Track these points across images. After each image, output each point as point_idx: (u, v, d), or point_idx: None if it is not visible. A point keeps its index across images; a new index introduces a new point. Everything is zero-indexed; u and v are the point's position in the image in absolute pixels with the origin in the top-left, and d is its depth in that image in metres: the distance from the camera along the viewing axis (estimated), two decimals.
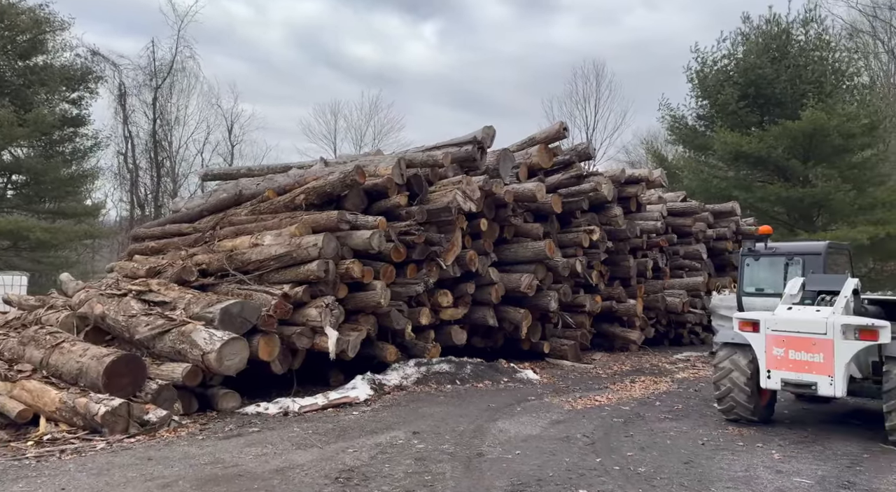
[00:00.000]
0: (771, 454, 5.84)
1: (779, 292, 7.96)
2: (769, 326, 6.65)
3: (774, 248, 8.35)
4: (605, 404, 8.42)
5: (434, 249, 10.32)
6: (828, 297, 6.90)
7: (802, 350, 6.39)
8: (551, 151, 13.10)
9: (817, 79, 28.62)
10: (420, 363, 9.80)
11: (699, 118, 32.90)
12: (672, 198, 18.33)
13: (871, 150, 29.86)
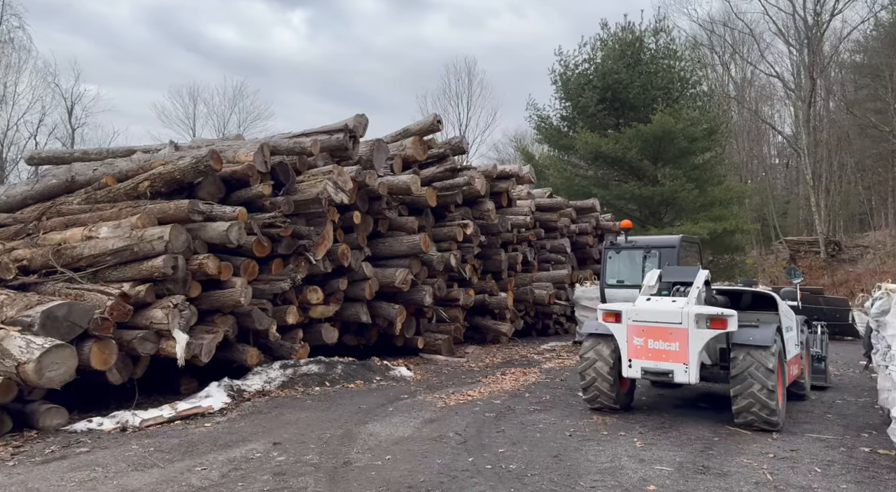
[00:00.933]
0: (633, 443, 6.00)
1: (638, 284, 8.31)
2: (630, 317, 6.86)
3: (633, 241, 8.73)
4: (478, 398, 8.35)
5: (302, 243, 9.71)
6: (682, 288, 7.27)
7: (660, 339, 6.65)
8: (426, 144, 12.91)
9: (666, 85, 31.09)
10: (286, 365, 9.18)
11: (563, 119, 34.55)
12: (540, 194, 18.91)
13: (711, 153, 33.02)
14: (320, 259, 9.92)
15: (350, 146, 10.71)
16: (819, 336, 9.59)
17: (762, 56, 45.72)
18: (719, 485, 4.75)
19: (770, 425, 6.34)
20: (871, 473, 5.04)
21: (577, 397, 8.44)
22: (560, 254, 18.66)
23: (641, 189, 28.94)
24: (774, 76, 46.12)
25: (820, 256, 37.79)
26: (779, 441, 6.05)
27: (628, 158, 29.05)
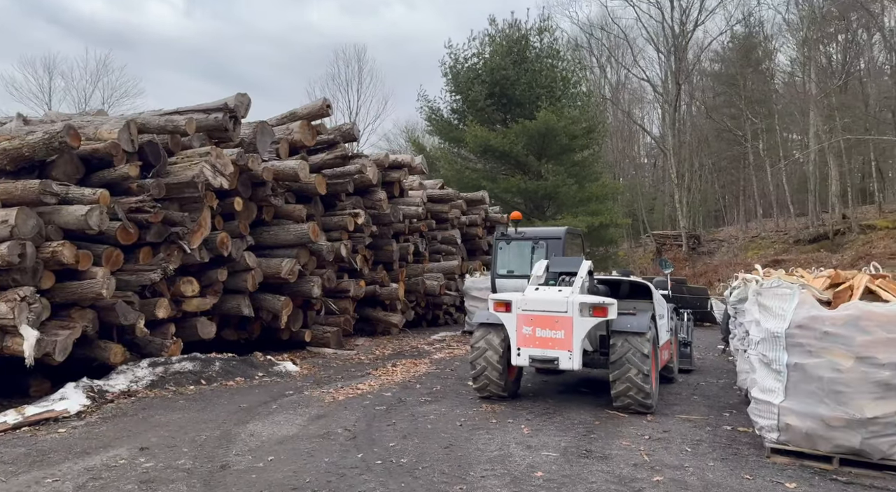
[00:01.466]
0: (521, 430, 6.07)
1: (527, 274, 8.48)
2: (519, 306, 6.95)
3: (523, 233, 8.89)
4: (368, 391, 8.14)
5: (176, 231, 8.97)
6: (567, 278, 7.49)
7: (547, 328, 6.79)
8: (314, 129, 12.39)
9: (549, 84, 32.29)
10: (156, 363, 8.44)
11: (453, 112, 34.90)
12: (431, 185, 18.92)
13: (589, 150, 34.77)
14: (196, 248, 9.22)
15: (230, 127, 10.03)
16: (685, 323, 10.30)
17: (635, 61, 48.72)
18: (601, 468, 4.90)
19: (645, 408, 6.68)
20: (733, 450, 5.42)
21: (467, 386, 8.47)
22: (451, 245, 18.80)
23: (527, 183, 29.89)
24: (645, 80, 49.45)
25: (682, 248, 41.01)
26: (653, 423, 6.38)
27: (515, 153, 29.88)
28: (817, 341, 4.85)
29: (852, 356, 4.69)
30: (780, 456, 5.05)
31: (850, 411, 4.67)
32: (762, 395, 5.31)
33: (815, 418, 4.83)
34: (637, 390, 6.57)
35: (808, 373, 4.88)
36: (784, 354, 5.03)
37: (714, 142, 50.19)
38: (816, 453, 4.91)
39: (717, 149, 50.61)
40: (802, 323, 4.94)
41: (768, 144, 45.23)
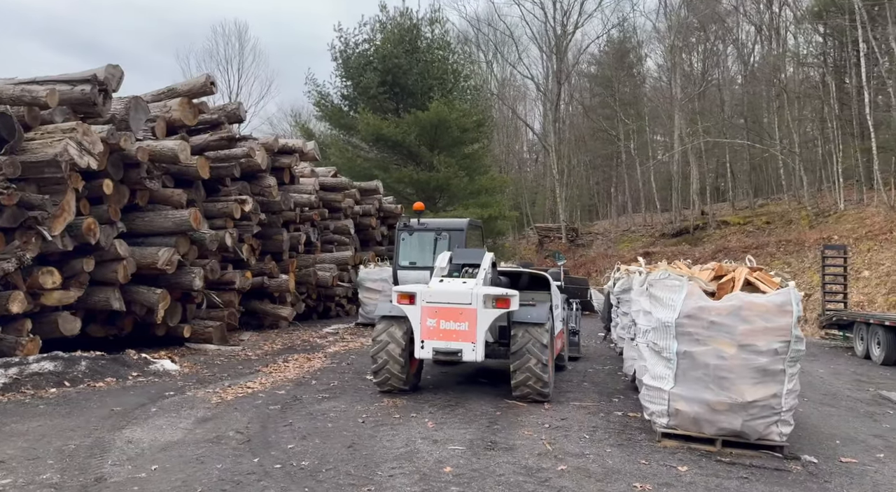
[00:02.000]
0: (425, 424, 5.98)
1: (429, 265, 8.41)
2: (424, 299, 6.85)
3: (425, 224, 8.78)
4: (259, 390, 7.68)
5: (34, 215, 7.95)
6: (471, 269, 7.50)
7: (451, 320, 6.75)
8: (196, 108, 11.50)
9: (441, 76, 32.46)
10: (9, 364, 7.45)
11: (344, 98, 34.12)
12: (324, 172, 18.35)
13: (479, 144, 35.43)
14: (58, 235, 8.23)
15: (100, 101, 9.01)
16: (574, 312, 10.72)
17: (519, 58, 50.26)
18: (508, 459, 4.92)
19: (543, 397, 6.84)
20: (627, 436, 5.66)
21: (365, 381, 8.26)
22: (344, 235, 18.37)
23: (419, 174, 29.88)
24: (529, 78, 51.24)
25: (562, 240, 43.08)
26: (551, 411, 6.54)
27: (408, 143, 29.76)
28: (704, 330, 5.16)
29: (735, 344, 5.03)
30: (670, 440, 5.34)
31: (733, 396, 5.02)
32: (653, 382, 5.58)
33: (702, 402, 5.15)
34: (536, 379, 6.70)
35: (695, 360, 5.18)
36: (674, 343, 5.31)
37: (590, 140, 53.00)
38: (702, 435, 5.25)
39: (593, 147, 53.53)
40: (691, 313, 5.24)
41: (638, 144, 48.58)
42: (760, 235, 31.53)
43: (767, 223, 36.50)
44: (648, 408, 5.69)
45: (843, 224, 25.28)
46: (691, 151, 40.49)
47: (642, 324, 6.85)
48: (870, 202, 29.23)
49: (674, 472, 4.61)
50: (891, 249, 17.86)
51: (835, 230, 23.98)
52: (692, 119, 42.54)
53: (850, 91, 32.61)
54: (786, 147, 36.32)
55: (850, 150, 31.75)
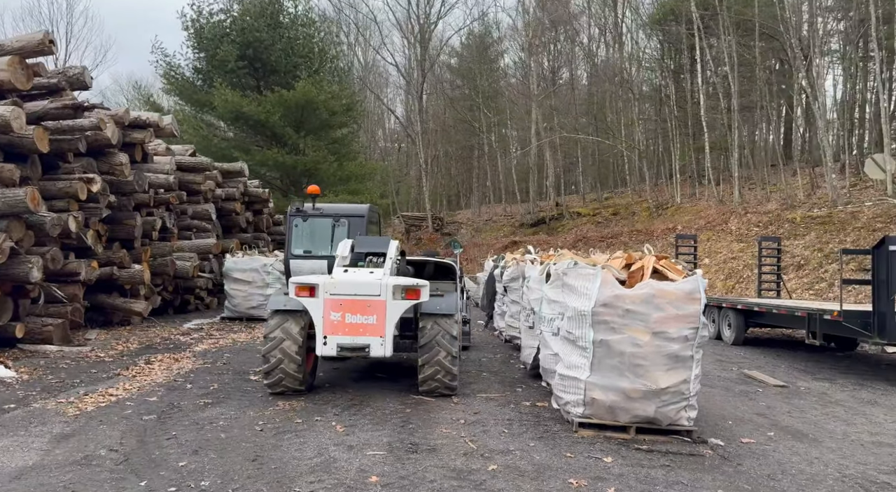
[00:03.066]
0: (333, 427, 5.51)
1: (326, 255, 7.82)
2: (327, 290, 6.32)
3: (321, 209, 8.11)
4: (125, 397, 6.68)
5: None
6: (375, 258, 7.06)
7: (358, 313, 6.30)
8: (30, 69, 9.75)
9: (307, 54, 31.03)
10: None
11: (197, 72, 31.48)
12: (181, 151, 16.68)
13: (348, 128, 34.50)
14: None
15: None
16: (464, 301, 10.67)
17: (383, 43, 49.71)
18: (434, 462, 4.63)
19: (451, 390, 6.64)
20: (543, 427, 5.62)
21: (250, 382, 7.55)
22: (204, 221, 16.88)
23: (285, 157, 28.38)
24: (393, 65, 50.91)
25: (428, 229, 43.49)
26: (461, 406, 6.36)
27: (271, 123, 28.12)
28: (619, 319, 5.23)
29: (649, 332, 5.15)
30: (586, 429, 5.38)
31: (647, 383, 5.14)
32: (568, 371, 5.59)
33: (618, 390, 5.22)
34: (446, 372, 6.48)
35: (611, 348, 5.24)
36: (590, 332, 5.33)
37: (454, 132, 53.95)
38: (616, 423, 5.33)
39: (456, 138, 54.58)
40: (607, 301, 5.28)
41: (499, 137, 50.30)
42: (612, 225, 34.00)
43: (614, 214, 39.54)
44: (562, 398, 5.69)
45: (682, 216, 28.01)
46: (547, 146, 42.64)
47: (547, 313, 6.89)
48: (701, 197, 32.71)
49: (601, 464, 4.60)
50: (726, 239, 20.03)
51: (677, 221, 26.50)
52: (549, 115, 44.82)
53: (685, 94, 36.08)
54: (631, 144, 39.47)
55: (686, 148, 35.28)
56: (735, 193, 26.73)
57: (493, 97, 50.26)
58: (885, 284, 7.35)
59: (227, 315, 14.72)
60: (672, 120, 34.22)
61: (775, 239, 13.90)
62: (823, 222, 17.56)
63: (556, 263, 6.83)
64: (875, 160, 19.94)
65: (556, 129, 43.46)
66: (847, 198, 20.84)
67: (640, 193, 39.17)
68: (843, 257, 11.69)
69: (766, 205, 24.45)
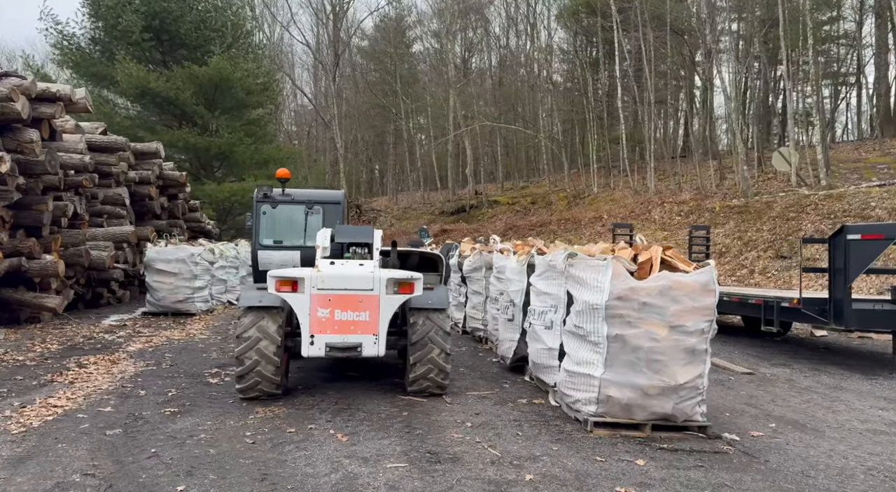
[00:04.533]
0: (334, 436, 5.05)
1: (299, 245, 7.20)
2: (314, 285, 5.78)
3: (291, 195, 7.42)
4: (73, 408, 5.83)
5: None
6: (359, 249, 6.56)
7: (349, 309, 5.82)
8: None
9: (220, 28, 29.09)
10: None
11: (94, 42, 28.73)
12: (90, 129, 15.04)
13: (264, 109, 32.80)
14: None
15: None
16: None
17: (293, 20, 47.73)
18: (465, 474, 4.30)
19: (442, 389, 6.33)
20: (556, 428, 5.39)
21: (211, 385, 6.87)
22: (117, 206, 15.41)
23: (196, 138, 26.56)
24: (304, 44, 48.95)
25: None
26: (457, 406, 6.05)
27: (181, 101, 26.23)
28: (635, 312, 5.11)
29: (666, 325, 5.07)
30: (601, 429, 5.23)
31: (666, 379, 5.06)
32: (578, 368, 5.42)
33: (635, 387, 5.11)
34: (439, 370, 6.15)
35: (627, 344, 5.11)
36: (603, 326, 5.18)
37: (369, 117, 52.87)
38: (631, 421, 5.21)
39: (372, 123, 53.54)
40: (622, 294, 5.14)
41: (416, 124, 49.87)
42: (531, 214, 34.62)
43: (532, 203, 40.35)
44: (570, 395, 5.52)
45: (601, 205, 28.95)
46: (466, 134, 42.71)
47: (537, 305, 6.73)
48: (615, 186, 34.01)
49: (636, 468, 4.47)
50: (650, 228, 20.88)
51: (598, 210, 27.33)
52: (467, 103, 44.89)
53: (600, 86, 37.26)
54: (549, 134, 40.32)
55: (602, 139, 36.49)
56: (650, 184, 28.00)
57: (410, 83, 49.63)
58: (841, 273, 7.78)
59: (149, 310, 13.53)
60: (589, 111, 35.26)
61: (705, 228, 14.56)
62: (741, 212, 18.70)
63: (544, 255, 6.67)
64: (781, 153, 21.51)
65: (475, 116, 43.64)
66: (756, 189, 22.37)
67: (556, 183, 40.22)
68: (801, 246, 12.35)
69: (680, 195, 25.79)
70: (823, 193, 17.57)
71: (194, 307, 13.57)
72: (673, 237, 19.13)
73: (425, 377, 6.16)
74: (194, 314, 13.44)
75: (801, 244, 10.83)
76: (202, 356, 8.78)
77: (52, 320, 11.87)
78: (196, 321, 12.66)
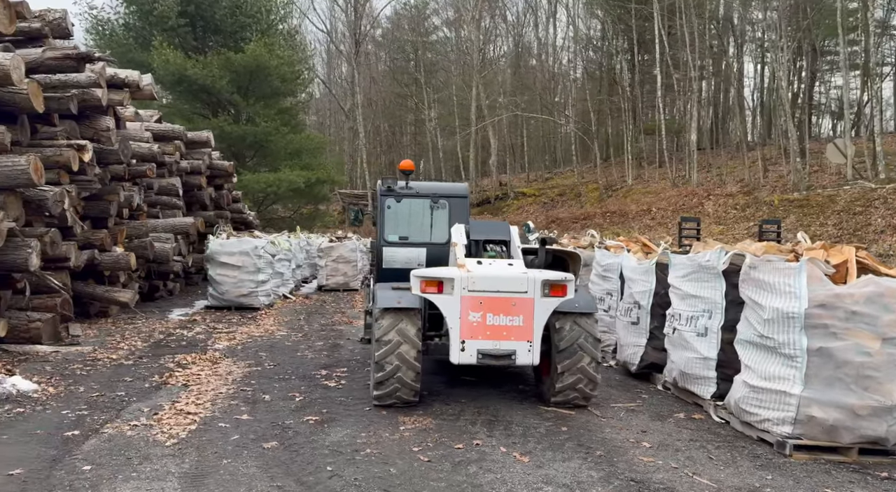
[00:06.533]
0: (512, 456, 4.65)
1: (426, 241, 6.79)
2: (464, 286, 5.38)
3: (414, 188, 6.97)
4: (208, 416, 5.46)
5: None
6: (498, 247, 6.16)
7: (501, 313, 5.41)
8: (13, 9, 7.86)
9: (255, 13, 28.65)
10: None
11: (127, 29, 28.36)
12: (145, 116, 14.67)
13: (296, 98, 32.38)
14: None
15: None
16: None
17: (312, 6, 47.05)
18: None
19: (587, 401, 5.92)
20: (746, 450, 4.89)
21: (330, 389, 6.52)
22: (172, 196, 15.03)
23: (232, 127, 26.18)
24: (324, 32, 48.29)
25: (368, 208, 41.77)
26: (612, 420, 5.64)
27: (217, 89, 25.83)
28: (842, 322, 4.66)
29: (879, 337, 4.62)
30: (801, 452, 4.77)
31: (879, 398, 4.60)
32: (767, 383, 4.98)
33: (843, 407, 4.63)
34: (588, 381, 5.73)
35: (832, 358, 4.66)
36: (802, 337, 4.74)
37: (391, 106, 52.26)
38: (834, 444, 4.74)
39: (394, 112, 52.96)
40: (825, 301, 4.67)
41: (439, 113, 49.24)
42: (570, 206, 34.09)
43: (560, 195, 39.77)
44: (757, 413, 5.06)
45: (639, 197, 28.44)
46: (492, 124, 42.10)
47: (683, 310, 6.30)
48: (650, 178, 33.42)
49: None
50: (704, 222, 20.35)
51: (641, 202, 26.77)
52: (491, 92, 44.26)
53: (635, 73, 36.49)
54: (580, 124, 39.66)
55: (637, 129, 35.85)
56: (693, 176, 27.44)
57: (432, 72, 48.97)
58: None
59: (212, 304, 13.18)
60: (624, 100, 34.61)
61: (776, 222, 14.09)
62: (801, 205, 18.19)
63: (698, 252, 6.24)
64: (836, 145, 20.87)
65: (503, 106, 43.01)
66: (807, 181, 21.79)
67: (583, 174, 39.61)
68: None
69: (725, 187, 25.22)
70: (892, 186, 17.01)
71: (257, 301, 13.21)
72: (730, 231, 18.64)
73: (573, 388, 5.74)
74: (258, 309, 13.08)
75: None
76: (297, 356, 8.43)
77: (119, 315, 11.56)
78: (264, 317, 12.32)
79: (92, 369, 7.32)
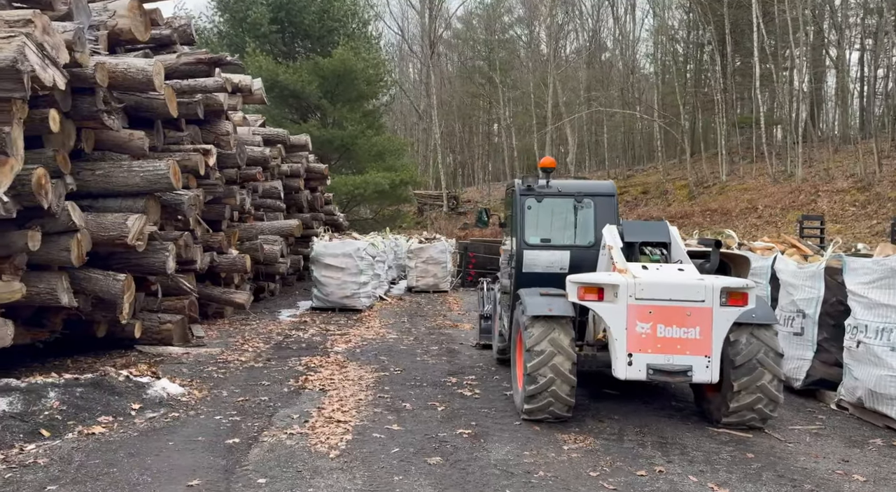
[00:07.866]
0: (710, 487, 4.20)
1: (569, 244, 6.40)
2: (631, 293, 4.95)
3: (555, 187, 6.57)
4: (360, 424, 5.28)
5: None
6: (657, 251, 5.70)
7: (674, 324, 4.96)
8: (148, 16, 8.06)
9: (342, 17, 29.03)
10: None
11: (221, 36, 29.37)
12: (251, 121, 14.97)
13: (379, 100, 32.68)
14: (3, 192, 4.96)
15: None
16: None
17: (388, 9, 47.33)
18: None
19: (765, 422, 5.34)
20: None
21: (468, 398, 6.24)
22: (275, 199, 15.27)
23: (321, 130, 26.61)
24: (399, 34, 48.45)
25: (443, 208, 41.50)
26: (798, 445, 5.10)
27: (307, 93, 26.31)
28: None
29: None
30: None
31: None
32: None
33: None
34: (769, 400, 5.15)
35: None
36: None
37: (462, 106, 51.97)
38: None
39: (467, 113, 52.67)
40: None
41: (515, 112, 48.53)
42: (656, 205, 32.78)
43: (643, 193, 38.26)
44: None
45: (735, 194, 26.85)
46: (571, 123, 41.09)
47: (871, 321, 5.62)
48: (745, 174, 31.59)
49: None
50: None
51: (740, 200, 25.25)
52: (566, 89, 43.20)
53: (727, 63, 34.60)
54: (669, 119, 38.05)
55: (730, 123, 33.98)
56: (798, 171, 25.69)
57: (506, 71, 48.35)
58: None
59: (316, 305, 13.26)
60: (717, 92, 32.86)
61: None
62: None
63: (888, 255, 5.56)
64: None
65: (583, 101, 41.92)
66: None
67: (668, 171, 37.95)
68: None
69: (835, 183, 23.43)
70: None
71: (360, 303, 13.20)
72: (849, 230, 17.22)
73: (751, 408, 5.18)
74: (360, 310, 13.08)
75: None
76: (417, 361, 8.22)
77: (232, 315, 11.79)
78: (369, 318, 12.28)
79: (226, 371, 7.36)
